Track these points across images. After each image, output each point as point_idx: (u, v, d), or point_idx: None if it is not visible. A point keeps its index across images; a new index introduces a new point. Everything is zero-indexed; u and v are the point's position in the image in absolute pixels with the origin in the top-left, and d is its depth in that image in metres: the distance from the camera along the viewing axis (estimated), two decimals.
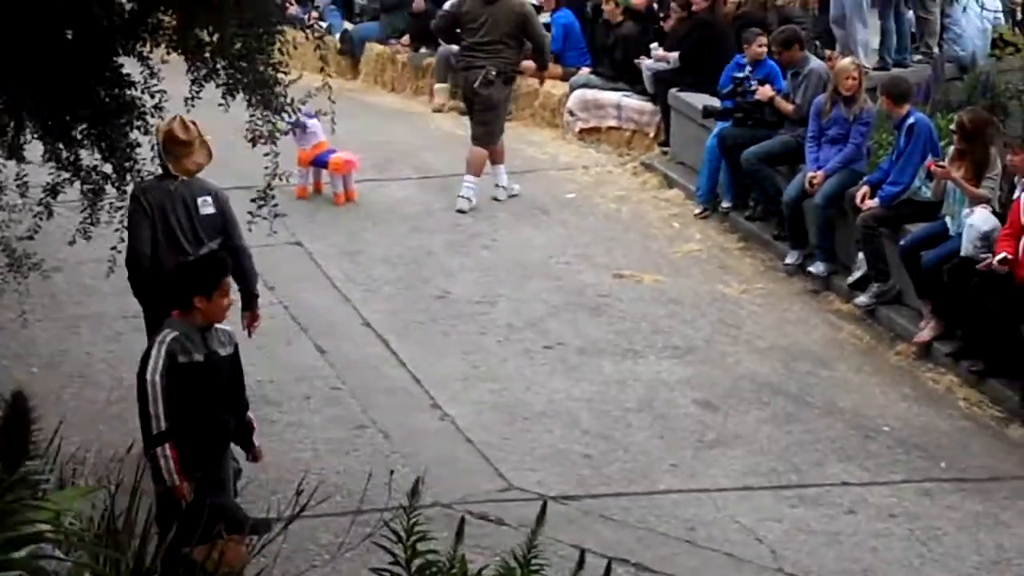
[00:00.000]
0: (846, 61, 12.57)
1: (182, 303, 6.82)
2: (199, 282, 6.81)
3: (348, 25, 18.72)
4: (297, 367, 10.16)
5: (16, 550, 1.84)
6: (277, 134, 7.42)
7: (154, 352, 6.65)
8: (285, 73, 7.37)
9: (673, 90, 14.63)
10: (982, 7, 14.88)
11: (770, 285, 12.11)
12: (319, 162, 13.50)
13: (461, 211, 13.40)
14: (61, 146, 7.63)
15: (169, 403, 6.60)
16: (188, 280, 6.85)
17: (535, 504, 8.24)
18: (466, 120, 16.39)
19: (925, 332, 10.79)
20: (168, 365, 6.63)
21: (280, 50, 7.33)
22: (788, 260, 12.29)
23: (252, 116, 7.44)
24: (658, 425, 9.66)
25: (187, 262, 6.95)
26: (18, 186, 8.69)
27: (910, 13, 15.82)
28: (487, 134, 13.67)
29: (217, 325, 6.90)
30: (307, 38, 7.97)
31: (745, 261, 12.60)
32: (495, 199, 13.71)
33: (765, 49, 13.06)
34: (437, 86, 17.10)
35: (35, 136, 7.73)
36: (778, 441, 9.52)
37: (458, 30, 13.80)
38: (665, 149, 14.97)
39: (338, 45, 18.15)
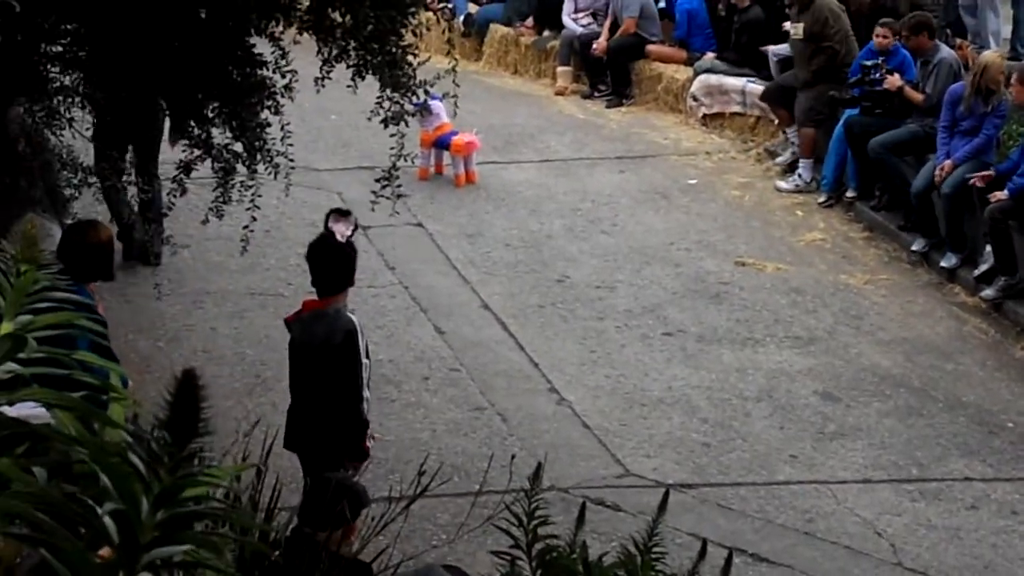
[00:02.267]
0: (994, 56, 12.27)
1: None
2: None
3: (472, 7, 18.76)
4: (416, 348, 10.23)
5: (180, 528, 1.88)
6: (405, 115, 7.46)
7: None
8: (414, 55, 7.40)
9: None
10: None
11: (894, 276, 11.95)
12: (441, 144, 13.55)
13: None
14: (193, 125, 7.74)
15: None
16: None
17: (652, 491, 8.24)
18: (587, 104, 16.45)
19: None
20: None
21: (413, 32, 7.37)
22: (915, 247, 12.11)
23: (380, 97, 7.48)
24: (778, 415, 9.59)
25: None
26: None
27: None
28: None
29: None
30: (437, 20, 8.02)
31: (869, 251, 12.44)
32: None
33: (889, 40, 12.87)
34: (560, 69, 17.07)
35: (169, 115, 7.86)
36: (900, 434, 9.41)
37: None
38: None
39: (461, 27, 18.19)
